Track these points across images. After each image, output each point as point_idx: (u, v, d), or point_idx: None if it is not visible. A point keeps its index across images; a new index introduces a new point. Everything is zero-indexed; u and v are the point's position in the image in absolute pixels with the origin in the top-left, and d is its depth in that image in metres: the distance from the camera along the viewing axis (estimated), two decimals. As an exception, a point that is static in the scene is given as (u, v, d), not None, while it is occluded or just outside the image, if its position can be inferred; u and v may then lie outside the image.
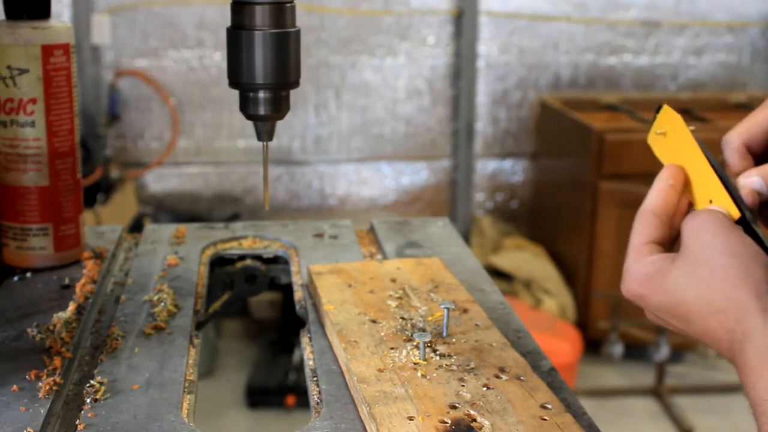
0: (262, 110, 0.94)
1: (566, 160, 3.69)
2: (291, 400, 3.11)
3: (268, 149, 0.99)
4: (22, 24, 1.11)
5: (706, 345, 0.68)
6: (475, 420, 0.80)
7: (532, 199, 4.01)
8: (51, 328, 0.99)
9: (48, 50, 1.12)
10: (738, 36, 3.97)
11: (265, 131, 0.97)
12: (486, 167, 3.98)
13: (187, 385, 0.91)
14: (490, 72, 3.87)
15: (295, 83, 0.95)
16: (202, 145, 3.77)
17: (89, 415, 0.83)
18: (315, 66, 3.72)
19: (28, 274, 1.17)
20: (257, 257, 1.30)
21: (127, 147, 3.74)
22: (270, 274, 1.30)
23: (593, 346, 3.41)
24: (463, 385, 0.86)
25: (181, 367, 0.93)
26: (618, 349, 3.29)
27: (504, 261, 3.61)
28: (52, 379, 0.88)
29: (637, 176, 3.26)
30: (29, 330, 0.99)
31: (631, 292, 0.70)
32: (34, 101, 1.13)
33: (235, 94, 0.95)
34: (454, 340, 0.96)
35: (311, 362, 0.97)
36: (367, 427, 0.82)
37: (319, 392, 0.90)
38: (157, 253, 1.27)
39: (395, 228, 1.38)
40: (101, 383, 0.89)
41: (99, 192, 3.37)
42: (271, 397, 3.14)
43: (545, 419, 0.80)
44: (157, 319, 1.04)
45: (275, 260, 1.31)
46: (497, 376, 0.88)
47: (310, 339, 1.02)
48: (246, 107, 0.95)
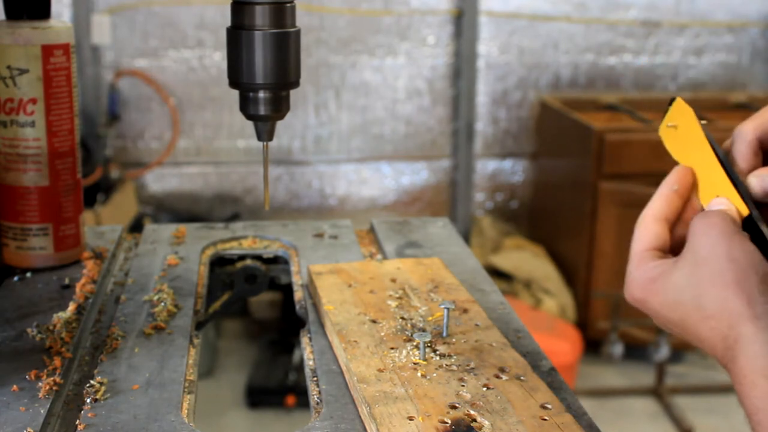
0: (262, 110, 0.94)
1: (566, 160, 3.69)
2: (291, 400, 3.11)
3: (268, 149, 0.99)
4: (22, 24, 1.11)
5: (703, 351, 0.68)
6: (475, 420, 0.80)
7: (532, 199, 4.01)
8: (51, 328, 0.99)
9: (48, 50, 1.12)
10: (738, 36, 3.97)
11: (265, 131, 0.97)
12: (486, 167, 3.98)
13: (187, 385, 0.91)
14: (490, 72, 3.87)
15: (295, 83, 0.95)
16: (202, 145, 3.77)
17: (89, 415, 0.83)
18: (315, 66, 3.72)
19: (28, 274, 1.17)
20: (257, 257, 1.30)
21: (127, 147, 3.74)
22: (270, 274, 1.30)
23: (593, 346, 3.41)
24: (463, 385, 0.86)
25: (181, 367, 0.93)
26: (618, 349, 3.29)
27: (504, 261, 3.61)
28: (52, 379, 0.88)
29: (637, 176, 3.26)
30: (29, 330, 0.99)
31: (633, 297, 0.70)
32: (34, 101, 1.13)
33: (235, 94, 0.95)
34: (454, 340, 0.96)
35: (311, 362, 0.97)
36: (367, 427, 0.82)
37: (319, 392, 0.90)
38: (157, 253, 1.27)
39: (395, 228, 1.38)
40: (101, 383, 0.89)
41: (99, 192, 3.37)
42: (271, 397, 3.14)
43: (545, 419, 0.80)
44: (157, 319, 1.04)
45: (275, 260, 1.31)
46: (497, 376, 0.88)
47: (310, 339, 1.02)
48: (246, 107, 0.95)
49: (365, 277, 1.11)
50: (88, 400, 0.86)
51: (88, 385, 0.89)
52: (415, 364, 0.90)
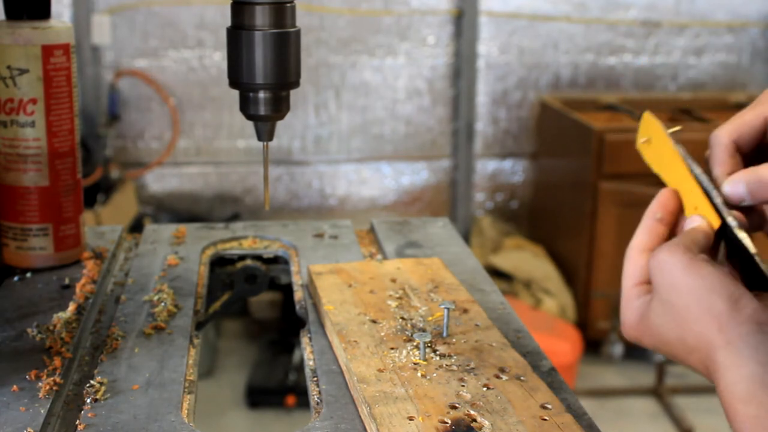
0: (262, 110, 0.94)
1: (566, 160, 3.69)
2: (291, 400, 3.11)
3: (268, 149, 0.99)
4: (22, 24, 1.11)
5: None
6: (475, 420, 0.80)
7: (532, 199, 4.01)
8: (51, 328, 0.99)
9: (48, 50, 1.12)
10: (738, 36, 3.97)
11: (265, 131, 0.97)
12: (486, 167, 3.98)
13: (187, 385, 0.91)
14: (490, 72, 3.87)
15: (295, 83, 0.95)
16: (202, 145, 3.77)
17: (89, 415, 0.83)
18: (315, 66, 3.72)
19: (28, 274, 1.17)
20: (257, 257, 1.30)
21: (127, 147, 3.74)
22: (270, 274, 1.30)
23: (593, 346, 3.41)
24: (463, 385, 0.86)
25: (181, 367, 0.93)
26: (618, 349, 3.29)
27: (504, 261, 3.61)
28: (52, 379, 0.88)
29: (637, 176, 3.26)
30: (29, 330, 0.99)
31: (628, 335, 0.70)
32: (34, 101, 1.13)
33: (235, 94, 0.95)
34: (454, 340, 0.96)
35: (311, 362, 0.97)
36: (367, 427, 0.82)
37: (319, 392, 0.90)
38: (157, 253, 1.27)
39: (395, 228, 1.38)
40: (101, 383, 0.89)
41: (99, 192, 3.37)
42: (271, 397, 3.14)
43: (545, 419, 0.80)
44: (157, 319, 1.04)
45: (275, 260, 1.31)
46: (497, 376, 0.88)
47: (310, 339, 1.02)
48: (246, 107, 0.95)
49: (365, 277, 1.11)
50: (88, 400, 0.86)
51: (88, 385, 0.89)
52: (415, 364, 0.90)
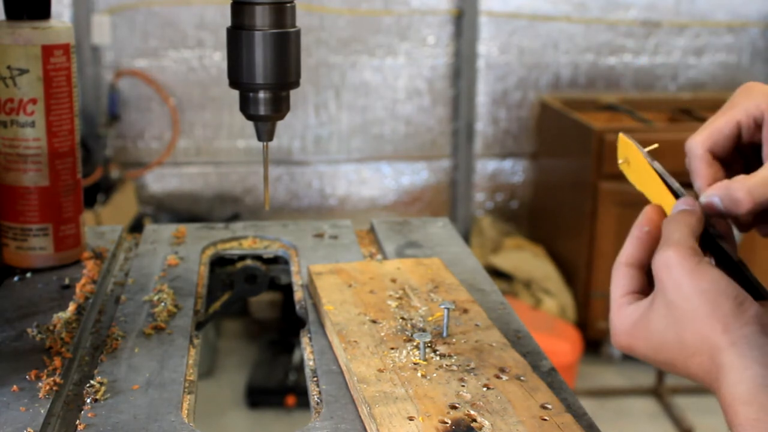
0: (262, 110, 0.94)
1: (566, 160, 3.69)
2: (291, 400, 3.11)
3: (268, 149, 0.99)
4: (22, 24, 1.11)
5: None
6: (475, 420, 0.80)
7: (532, 199, 4.01)
8: (51, 328, 0.99)
9: (48, 50, 1.12)
10: (738, 36, 3.97)
11: (265, 131, 0.97)
12: (486, 167, 3.98)
13: (187, 385, 0.91)
14: (490, 72, 3.87)
15: (296, 83, 0.95)
16: (202, 145, 3.77)
17: (89, 415, 0.83)
18: (315, 66, 3.72)
19: (28, 274, 1.17)
20: (257, 257, 1.30)
21: (127, 147, 3.74)
22: (270, 274, 1.30)
23: (593, 346, 3.41)
24: (464, 386, 0.86)
25: (181, 367, 0.93)
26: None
27: (504, 261, 3.61)
28: (52, 379, 0.88)
29: (637, 176, 3.25)
30: (29, 330, 0.99)
31: (620, 345, 0.70)
32: (34, 101, 1.13)
33: (235, 94, 0.95)
34: (454, 340, 0.96)
35: (311, 362, 0.97)
36: (367, 427, 0.82)
37: (319, 392, 0.90)
38: (157, 253, 1.27)
39: (395, 228, 1.38)
40: (101, 383, 0.89)
41: (99, 192, 3.37)
42: (271, 397, 3.14)
43: (545, 419, 0.80)
44: (157, 319, 1.04)
45: (275, 260, 1.31)
46: (497, 377, 0.88)
47: (310, 339, 1.02)
48: (246, 107, 0.95)
49: (365, 277, 1.11)
50: (88, 400, 0.86)
51: (88, 385, 0.89)
52: (415, 364, 0.90)
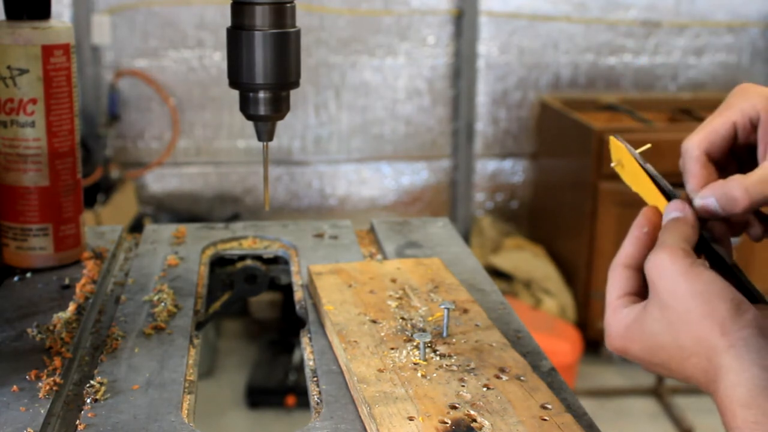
0: (262, 110, 0.94)
1: (566, 160, 3.69)
2: (291, 400, 3.11)
3: (268, 149, 0.99)
4: (22, 24, 1.11)
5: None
6: (475, 420, 0.80)
7: (532, 199, 4.01)
8: (51, 328, 0.99)
9: (48, 50, 1.12)
10: (738, 36, 3.97)
11: (265, 131, 0.97)
12: (486, 167, 3.98)
13: (187, 385, 0.91)
14: (490, 72, 3.87)
15: (295, 83, 0.95)
16: (202, 145, 3.77)
17: (89, 415, 0.83)
18: (315, 66, 3.72)
19: (28, 274, 1.17)
20: (257, 257, 1.30)
21: (127, 147, 3.74)
22: (270, 274, 1.30)
23: (593, 346, 3.41)
24: (464, 386, 0.86)
25: (181, 367, 0.93)
26: (618, 349, 3.28)
27: (504, 261, 3.61)
28: (52, 379, 0.88)
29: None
30: (29, 330, 0.99)
31: (613, 347, 0.70)
32: (34, 101, 1.13)
33: (235, 94, 0.95)
34: (454, 340, 0.96)
35: (311, 362, 0.97)
36: (367, 427, 0.82)
37: (319, 392, 0.90)
38: (157, 253, 1.27)
39: (395, 228, 1.38)
40: (101, 383, 0.89)
41: (99, 192, 3.37)
42: (271, 397, 3.14)
43: (545, 419, 0.80)
44: (157, 319, 1.04)
45: (275, 260, 1.31)
46: (497, 377, 0.88)
47: (310, 339, 1.02)
48: (246, 107, 0.95)
49: (365, 277, 1.11)
50: (88, 400, 0.86)
51: (88, 385, 0.89)
52: (415, 364, 0.90)
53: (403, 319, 1.00)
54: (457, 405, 0.82)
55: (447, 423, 0.79)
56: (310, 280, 1.13)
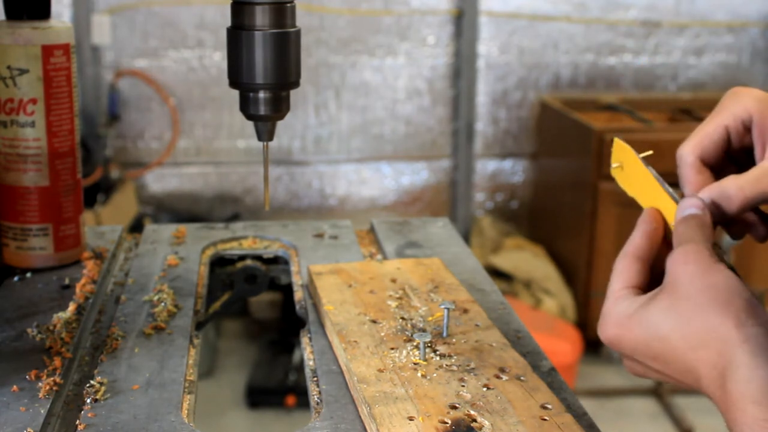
0: (262, 110, 0.94)
1: (566, 160, 3.69)
2: (291, 400, 3.11)
3: (268, 149, 0.99)
4: (22, 24, 1.11)
5: (684, 387, 0.66)
6: (475, 420, 0.80)
7: (532, 199, 4.01)
8: (51, 328, 0.99)
9: (48, 50, 1.12)
10: (738, 36, 3.97)
11: (265, 131, 0.97)
12: (486, 167, 3.98)
13: (187, 385, 0.91)
14: (490, 72, 3.87)
15: (296, 83, 0.95)
16: (202, 145, 3.77)
17: (89, 415, 0.83)
18: (315, 66, 3.72)
19: (28, 274, 1.17)
20: (257, 257, 1.30)
21: (127, 147, 3.74)
22: (270, 274, 1.30)
23: (593, 346, 3.41)
24: (464, 386, 0.86)
25: (181, 367, 0.93)
26: (618, 349, 3.28)
27: (504, 261, 3.61)
28: (52, 379, 0.88)
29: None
30: (29, 330, 0.99)
31: (606, 333, 0.68)
32: (34, 101, 1.13)
33: (235, 94, 0.95)
34: (454, 340, 0.96)
35: (311, 362, 0.97)
36: (367, 427, 0.82)
37: (319, 392, 0.90)
38: (157, 253, 1.27)
39: (395, 228, 1.38)
40: (101, 383, 0.89)
41: (99, 192, 3.37)
42: (271, 397, 3.14)
43: (545, 419, 0.80)
44: (157, 319, 1.04)
45: (275, 260, 1.31)
46: (497, 377, 0.88)
47: (310, 339, 1.02)
48: (246, 107, 0.95)
49: (365, 277, 1.11)
50: (88, 400, 0.86)
51: (88, 385, 0.89)
52: (415, 364, 0.90)
53: (403, 319, 1.00)
54: (457, 405, 0.82)
55: (447, 423, 0.79)
56: (310, 280, 1.13)
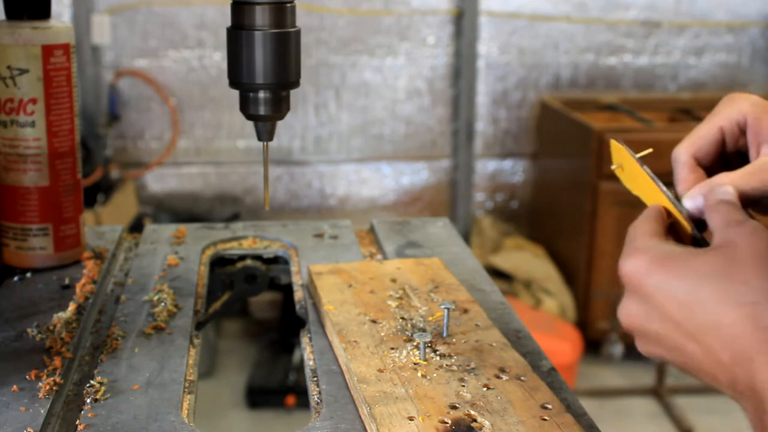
0: (262, 110, 0.94)
1: (566, 160, 3.69)
2: (291, 400, 3.11)
3: (268, 149, 0.99)
4: (23, 24, 1.11)
5: (698, 371, 0.62)
6: (475, 420, 0.80)
7: (532, 199, 4.01)
8: (51, 328, 0.99)
9: (48, 50, 1.12)
10: (738, 36, 3.97)
11: (265, 131, 0.97)
12: (486, 167, 3.98)
13: (187, 385, 0.91)
14: (490, 72, 3.87)
15: (296, 83, 0.95)
16: (202, 145, 3.77)
17: (89, 415, 0.83)
18: (315, 66, 3.72)
19: (28, 274, 1.17)
20: (257, 257, 1.30)
21: (127, 147, 3.74)
22: (270, 274, 1.30)
23: (593, 346, 3.41)
24: (464, 386, 0.86)
25: (181, 367, 0.93)
26: (618, 349, 3.29)
27: (504, 261, 3.61)
28: (52, 379, 0.88)
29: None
30: (29, 330, 0.99)
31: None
32: (34, 101, 1.13)
33: (235, 94, 0.95)
34: (454, 340, 0.96)
35: (311, 362, 0.97)
36: (367, 427, 0.82)
37: (319, 392, 0.90)
38: (157, 253, 1.27)
39: (395, 228, 1.38)
40: (101, 383, 0.89)
41: (99, 192, 3.37)
42: (271, 397, 3.14)
43: (545, 419, 0.80)
44: (157, 319, 1.04)
45: (275, 260, 1.31)
46: (497, 376, 0.88)
47: (310, 339, 1.02)
48: (246, 107, 0.95)
49: (365, 277, 1.11)
50: (88, 400, 0.86)
51: (88, 385, 0.89)
52: (415, 364, 0.90)
53: (403, 319, 1.00)
54: (457, 405, 0.82)
55: (447, 423, 0.79)
56: (310, 280, 1.13)
